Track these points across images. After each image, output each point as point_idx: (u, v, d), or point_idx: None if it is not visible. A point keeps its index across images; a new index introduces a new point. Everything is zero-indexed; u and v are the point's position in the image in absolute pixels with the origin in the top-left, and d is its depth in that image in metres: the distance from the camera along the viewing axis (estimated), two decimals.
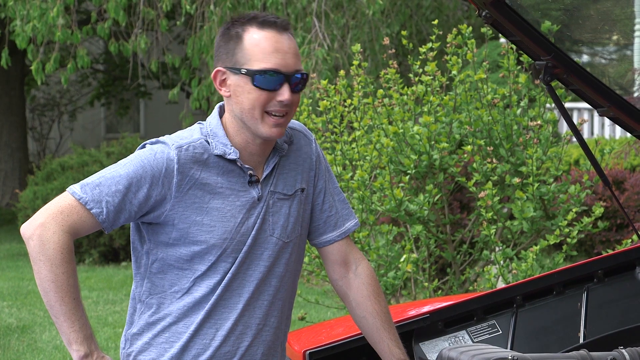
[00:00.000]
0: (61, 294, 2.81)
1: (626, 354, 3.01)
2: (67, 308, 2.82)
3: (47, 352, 8.06)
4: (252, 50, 2.91)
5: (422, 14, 13.98)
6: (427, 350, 3.62)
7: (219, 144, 2.94)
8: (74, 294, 2.83)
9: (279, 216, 3.00)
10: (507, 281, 6.03)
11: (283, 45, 2.92)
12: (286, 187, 3.03)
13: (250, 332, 2.98)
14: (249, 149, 2.97)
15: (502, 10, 3.25)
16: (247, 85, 2.90)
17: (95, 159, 13.50)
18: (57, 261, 2.80)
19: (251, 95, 2.90)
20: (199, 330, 2.94)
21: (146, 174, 2.89)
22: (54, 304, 2.82)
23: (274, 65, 2.89)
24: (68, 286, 2.81)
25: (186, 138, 2.94)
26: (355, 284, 3.15)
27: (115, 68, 21.32)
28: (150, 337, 2.96)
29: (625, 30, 3.90)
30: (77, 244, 13.05)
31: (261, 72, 2.89)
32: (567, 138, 6.41)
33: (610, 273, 3.86)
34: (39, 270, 2.81)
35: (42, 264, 2.81)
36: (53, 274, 2.81)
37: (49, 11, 12.30)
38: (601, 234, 10.65)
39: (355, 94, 6.59)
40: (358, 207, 6.35)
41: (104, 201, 2.85)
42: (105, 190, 2.86)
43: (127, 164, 2.89)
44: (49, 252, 2.81)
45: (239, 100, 2.92)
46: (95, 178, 2.87)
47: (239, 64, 2.91)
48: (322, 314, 9.14)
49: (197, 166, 2.91)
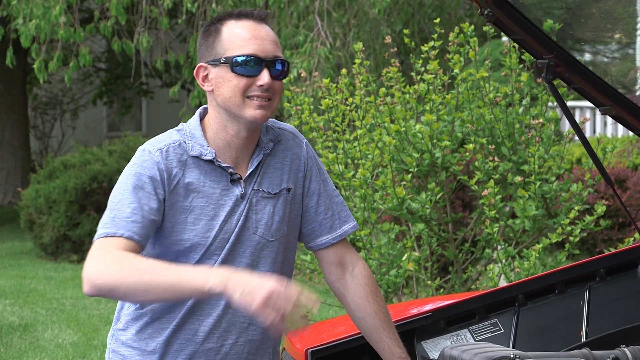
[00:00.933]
0: (141, 289, 2.73)
1: (628, 352, 3.01)
2: (157, 280, 2.71)
3: (49, 350, 8.07)
4: (230, 40, 2.95)
5: (424, 12, 13.97)
6: (429, 348, 3.62)
7: (195, 145, 2.97)
8: (147, 272, 2.73)
9: (263, 214, 3.01)
10: (509, 280, 6.03)
11: (260, 32, 2.96)
12: (271, 186, 3.04)
13: (234, 329, 2.99)
14: (233, 144, 2.98)
15: (505, 8, 3.25)
16: (227, 74, 2.94)
17: (97, 158, 13.50)
18: (122, 280, 2.75)
19: (232, 82, 2.93)
20: (182, 325, 2.96)
21: (145, 181, 2.92)
22: (147, 294, 2.73)
23: (252, 51, 2.93)
24: (139, 275, 2.73)
25: (164, 141, 2.98)
26: (353, 285, 3.15)
27: (118, 66, 21.33)
28: (134, 332, 2.99)
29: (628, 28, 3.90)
30: (80, 242, 13.06)
31: (239, 57, 2.92)
32: (569, 137, 6.40)
33: (613, 272, 3.86)
34: (124, 285, 2.74)
35: (119, 285, 2.74)
36: (126, 286, 2.75)
37: (51, 9, 12.30)
38: (603, 233, 10.64)
39: (357, 92, 6.58)
40: (360, 205, 6.35)
41: (128, 225, 2.87)
42: (124, 215, 2.89)
43: (125, 184, 2.93)
44: (110, 281, 2.75)
45: (220, 92, 2.95)
46: (109, 214, 2.91)
47: (219, 55, 2.95)
48: (324, 313, 9.15)
49: (178, 166, 2.95)
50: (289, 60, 11.81)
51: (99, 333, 8.67)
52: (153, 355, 2.97)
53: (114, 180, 12.95)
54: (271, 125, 3.10)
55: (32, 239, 13.68)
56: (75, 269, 12.49)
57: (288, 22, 12.51)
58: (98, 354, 7.94)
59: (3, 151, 19.08)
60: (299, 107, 6.67)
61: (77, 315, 9.50)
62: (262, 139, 3.05)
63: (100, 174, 13.12)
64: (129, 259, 2.79)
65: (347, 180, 6.40)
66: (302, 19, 12.56)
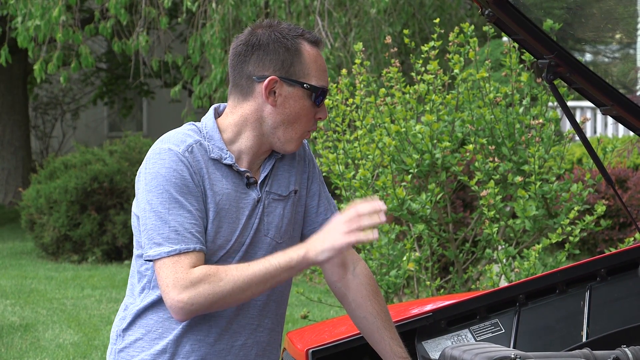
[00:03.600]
0: (237, 292, 2.82)
1: (629, 352, 3.01)
2: (249, 277, 2.82)
3: (50, 350, 8.06)
4: (312, 67, 2.93)
5: (424, 12, 13.97)
6: (430, 349, 3.62)
7: (215, 148, 2.94)
8: (237, 276, 2.82)
9: (274, 217, 3.01)
10: (510, 280, 6.03)
11: (325, 65, 2.99)
12: (280, 188, 3.03)
13: (244, 331, 2.99)
14: (253, 152, 2.98)
15: (505, 8, 3.25)
16: (303, 100, 2.92)
17: (98, 158, 13.50)
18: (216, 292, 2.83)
19: (304, 110, 2.93)
20: (193, 326, 2.95)
21: (186, 184, 2.87)
22: (243, 294, 2.83)
23: (325, 83, 2.96)
24: (232, 281, 2.82)
25: (186, 140, 2.92)
26: (354, 285, 3.15)
27: (118, 67, 21.33)
28: (144, 332, 2.97)
29: (629, 28, 3.90)
30: (81, 242, 13.06)
31: (321, 90, 2.93)
32: (569, 136, 6.40)
33: (613, 272, 3.85)
34: (223, 298, 2.83)
35: (216, 300, 2.83)
36: (222, 295, 2.83)
37: (51, 10, 12.30)
38: (604, 233, 10.64)
39: (358, 92, 6.59)
40: None
41: (194, 237, 2.85)
42: (186, 226, 2.84)
43: (164, 189, 2.85)
44: (207, 301, 2.83)
45: (284, 112, 2.92)
46: (164, 227, 2.84)
47: (299, 77, 2.92)
48: (324, 313, 9.15)
49: (205, 166, 2.92)
50: None
51: (99, 333, 8.67)
52: (163, 354, 2.95)
53: (115, 181, 12.98)
54: None
55: (32, 239, 13.68)
56: (76, 269, 12.49)
57: (288, 22, 12.50)
58: (99, 354, 7.94)
59: (4, 151, 19.09)
60: None
61: (77, 315, 9.50)
62: None
63: (101, 174, 13.11)
64: (213, 273, 2.82)
65: (348, 180, 6.40)
66: (303, 19, 12.56)
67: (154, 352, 2.95)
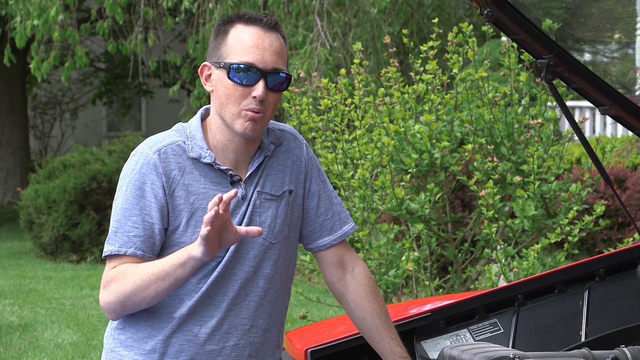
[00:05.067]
0: (138, 290, 2.87)
1: (628, 352, 3.01)
2: (147, 274, 2.86)
3: (49, 350, 8.06)
4: (234, 45, 2.93)
5: (423, 12, 13.96)
6: (429, 348, 3.62)
7: (195, 147, 2.95)
8: (139, 275, 2.87)
9: (266, 217, 3.00)
10: (509, 280, 6.03)
11: (264, 41, 2.92)
12: (274, 188, 3.03)
13: (236, 332, 2.98)
14: (232, 147, 2.97)
15: (504, 8, 3.25)
16: (225, 80, 2.92)
17: (97, 157, 13.50)
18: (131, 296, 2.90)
19: (228, 90, 2.92)
20: (182, 326, 2.95)
21: (144, 188, 2.91)
22: (146, 291, 2.86)
23: (251, 59, 2.90)
24: (135, 285, 2.88)
25: (161, 141, 2.96)
26: (353, 285, 3.14)
27: (117, 66, 21.33)
28: (133, 331, 2.98)
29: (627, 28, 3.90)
30: (79, 242, 13.06)
31: (237, 64, 2.90)
32: (568, 136, 6.40)
33: (612, 271, 3.86)
34: (124, 301, 2.90)
35: (123, 298, 2.89)
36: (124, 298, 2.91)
37: (48, 9, 12.29)
38: (603, 233, 10.64)
39: (356, 92, 6.58)
40: (359, 205, 6.35)
41: (131, 239, 2.90)
42: (125, 229, 2.90)
43: (124, 192, 2.93)
44: (116, 299, 2.90)
45: (218, 95, 2.94)
46: (112, 227, 2.93)
47: (221, 57, 2.94)
48: (323, 313, 9.15)
49: (177, 168, 2.93)
50: (289, 61, 11.80)
51: (98, 333, 8.67)
52: (152, 354, 2.96)
53: (114, 180, 12.97)
54: (272, 127, 3.08)
55: (31, 238, 13.68)
56: (75, 268, 12.48)
57: (287, 22, 12.50)
58: (97, 353, 7.94)
59: (3, 151, 19.08)
60: (298, 108, 6.67)
61: (76, 315, 9.50)
62: (264, 141, 3.03)
63: (100, 173, 13.12)
64: (122, 271, 2.88)
65: (347, 180, 6.40)
66: (302, 19, 12.56)
67: (143, 352, 2.96)
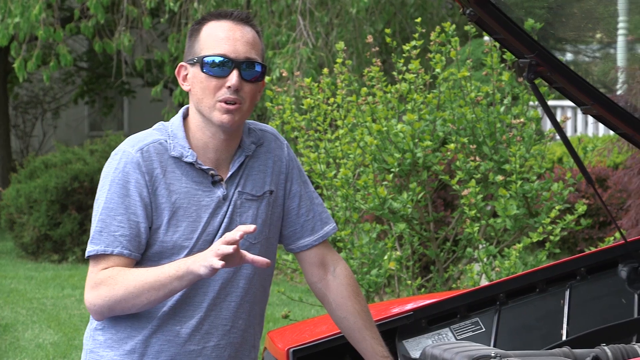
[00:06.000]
0: (130, 297, 2.86)
1: (608, 351, 3.02)
2: (141, 283, 2.85)
3: (30, 350, 8.03)
4: (206, 40, 2.95)
5: (406, 11, 13.98)
6: (411, 347, 3.63)
7: (177, 146, 2.95)
8: (131, 282, 2.86)
9: (247, 217, 3.00)
10: (490, 279, 6.04)
11: (235, 33, 2.94)
12: (255, 188, 3.03)
13: (217, 332, 2.98)
14: (212, 145, 2.97)
15: (486, 8, 3.25)
16: (199, 74, 2.94)
17: (78, 157, 13.45)
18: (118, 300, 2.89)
19: (203, 83, 2.93)
20: (162, 326, 2.95)
21: (128, 187, 2.91)
22: (137, 299, 2.86)
23: (222, 51, 2.92)
24: (128, 289, 2.87)
25: (144, 140, 2.96)
26: (334, 285, 3.15)
27: (99, 66, 21.26)
28: (113, 332, 2.97)
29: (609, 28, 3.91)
30: (61, 242, 13.01)
31: (208, 57, 2.91)
32: (550, 136, 6.41)
33: (593, 270, 3.87)
34: (118, 304, 2.88)
35: (112, 302, 2.88)
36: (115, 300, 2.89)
37: (31, 8, 12.25)
38: (584, 232, 10.68)
39: (339, 92, 6.58)
40: (342, 205, 6.35)
41: (117, 239, 2.88)
42: (111, 229, 2.89)
43: (107, 191, 2.92)
44: (104, 303, 2.89)
45: (195, 91, 2.95)
46: (96, 227, 2.91)
47: (195, 54, 2.95)
48: (305, 312, 9.14)
49: (160, 166, 2.93)
50: (271, 60, 11.80)
51: (79, 333, 8.64)
52: (132, 355, 2.95)
53: (95, 180, 12.92)
54: (253, 127, 3.09)
55: (12, 238, 13.62)
56: (56, 268, 12.44)
57: (270, 21, 12.49)
58: (79, 353, 7.91)
59: None
60: (280, 107, 6.66)
61: (57, 315, 9.47)
62: (245, 141, 3.03)
63: (82, 173, 13.07)
64: (113, 275, 2.86)
65: (329, 180, 6.40)
66: (284, 18, 12.55)
67: (122, 352, 2.95)
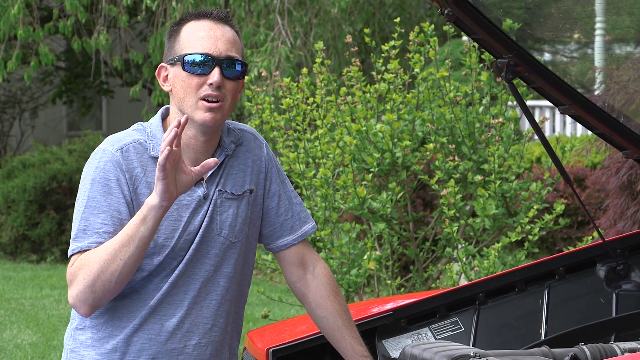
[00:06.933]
0: (105, 266, 2.84)
1: (587, 350, 3.03)
2: (111, 245, 2.84)
3: (8, 351, 8.00)
4: (186, 40, 2.96)
5: (384, 11, 14.00)
6: (390, 347, 3.63)
7: (156, 146, 2.97)
8: (102, 253, 2.84)
9: (227, 216, 3.01)
10: (470, 278, 6.05)
11: (215, 32, 2.96)
12: (235, 187, 3.04)
13: (198, 331, 2.99)
14: (192, 145, 2.98)
15: (465, 8, 3.26)
16: (180, 73, 2.95)
17: (57, 157, 13.41)
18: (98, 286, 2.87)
19: (184, 82, 2.94)
20: (144, 325, 2.95)
21: (110, 185, 2.91)
22: (113, 264, 2.83)
23: (203, 49, 2.93)
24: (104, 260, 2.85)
25: (124, 139, 2.97)
26: (314, 285, 3.15)
27: (77, 65, 21.19)
28: (94, 331, 2.97)
29: (586, 28, 3.93)
30: (39, 242, 12.96)
31: (189, 55, 2.93)
32: (528, 136, 6.44)
33: (572, 270, 3.89)
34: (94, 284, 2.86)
35: (92, 282, 2.86)
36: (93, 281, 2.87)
37: (9, 8, 12.19)
38: (562, 231, 10.72)
39: (318, 91, 6.58)
40: (321, 204, 6.35)
41: (101, 235, 2.88)
42: (95, 227, 2.89)
43: (89, 189, 2.92)
44: (85, 286, 2.86)
45: (176, 91, 2.96)
46: (79, 225, 2.90)
47: (175, 54, 2.97)
48: (285, 312, 9.14)
49: (140, 166, 2.94)
50: (250, 59, 11.79)
51: (58, 333, 8.61)
52: (114, 353, 2.95)
53: (74, 180, 12.89)
54: (232, 127, 3.09)
55: None
56: (35, 269, 12.39)
57: (248, 20, 12.48)
58: (57, 354, 7.88)
59: None
60: (259, 107, 6.66)
61: (36, 315, 9.43)
62: (225, 140, 3.04)
63: (60, 173, 13.03)
64: (86, 257, 2.85)
65: (308, 179, 6.40)
66: (263, 18, 12.54)
67: (104, 351, 2.95)
